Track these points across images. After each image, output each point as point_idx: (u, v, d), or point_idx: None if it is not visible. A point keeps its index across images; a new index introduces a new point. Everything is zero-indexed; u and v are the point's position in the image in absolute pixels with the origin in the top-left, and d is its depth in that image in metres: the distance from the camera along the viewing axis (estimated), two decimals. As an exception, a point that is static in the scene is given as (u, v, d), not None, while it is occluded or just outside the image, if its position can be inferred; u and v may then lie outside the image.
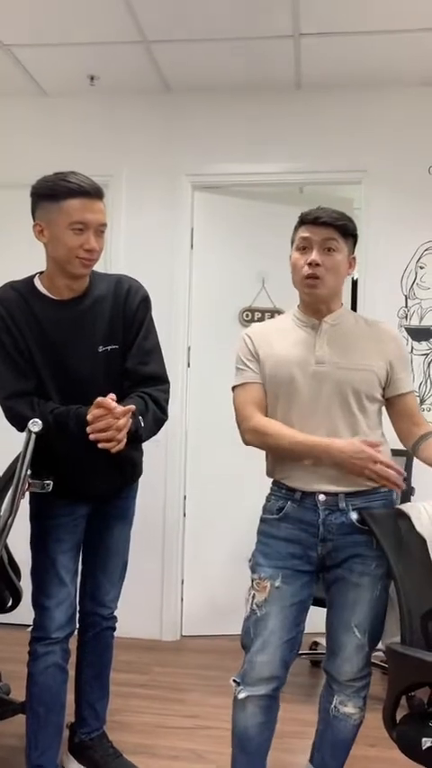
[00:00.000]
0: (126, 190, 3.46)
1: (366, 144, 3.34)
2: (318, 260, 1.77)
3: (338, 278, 1.83)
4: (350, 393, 1.78)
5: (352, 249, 1.85)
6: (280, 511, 1.82)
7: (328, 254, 1.79)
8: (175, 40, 3.03)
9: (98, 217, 1.82)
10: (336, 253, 1.80)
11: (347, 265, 1.84)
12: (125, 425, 1.76)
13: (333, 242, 1.79)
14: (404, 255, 3.30)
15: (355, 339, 1.84)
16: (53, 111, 3.53)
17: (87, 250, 1.82)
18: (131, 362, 1.94)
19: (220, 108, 3.44)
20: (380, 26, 2.86)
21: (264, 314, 3.57)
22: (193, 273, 3.51)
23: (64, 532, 1.98)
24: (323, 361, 1.80)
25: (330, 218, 1.79)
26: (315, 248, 1.78)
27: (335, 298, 1.86)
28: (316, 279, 1.78)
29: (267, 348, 1.86)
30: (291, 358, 1.82)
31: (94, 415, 1.75)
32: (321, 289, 1.80)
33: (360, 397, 1.79)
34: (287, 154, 3.39)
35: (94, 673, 2.17)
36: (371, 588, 1.79)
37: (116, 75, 3.31)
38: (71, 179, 1.80)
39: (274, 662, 1.79)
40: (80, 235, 1.81)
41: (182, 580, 3.52)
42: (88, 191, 1.80)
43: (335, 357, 1.80)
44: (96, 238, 1.84)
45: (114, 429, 1.74)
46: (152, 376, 1.96)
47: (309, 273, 1.78)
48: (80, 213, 1.80)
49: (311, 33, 2.93)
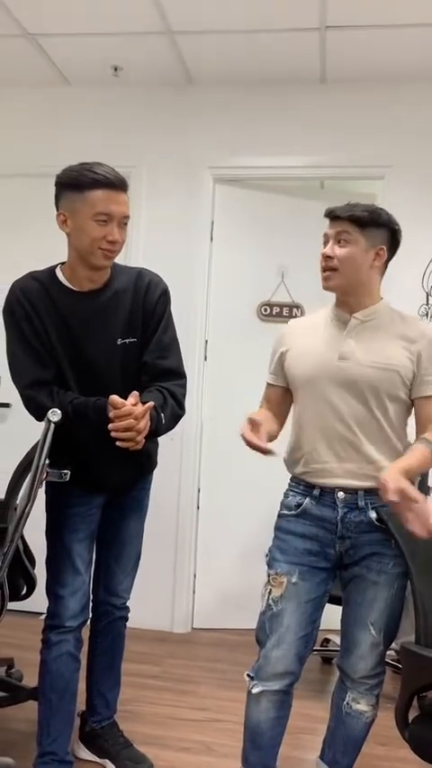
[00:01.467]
0: (147, 181, 3.46)
1: (390, 139, 3.31)
2: (328, 252, 1.79)
3: (356, 270, 1.79)
4: (368, 390, 1.77)
5: (380, 241, 1.81)
6: (298, 507, 1.83)
7: (340, 246, 1.79)
8: (199, 32, 3.01)
9: (122, 209, 1.82)
10: (349, 245, 1.78)
11: (371, 257, 1.80)
12: (145, 428, 1.77)
13: (345, 234, 1.78)
14: (426, 252, 3.26)
15: (384, 336, 1.81)
16: (76, 101, 3.53)
17: (110, 241, 1.82)
18: (150, 356, 1.95)
19: (242, 100, 3.42)
20: (407, 20, 2.82)
21: (282, 308, 3.55)
22: (213, 266, 3.50)
23: (79, 522, 1.99)
24: (346, 357, 1.79)
25: (342, 211, 1.79)
26: (331, 241, 1.81)
27: (361, 291, 1.83)
28: (330, 271, 1.80)
29: (294, 343, 1.89)
30: (315, 352, 1.83)
31: (115, 414, 1.75)
32: (333, 281, 1.80)
33: (380, 396, 1.77)
34: (309, 148, 3.37)
35: (105, 662, 2.19)
36: (388, 587, 1.78)
37: (140, 66, 3.31)
38: (97, 169, 1.80)
39: (289, 657, 1.79)
40: (104, 226, 1.81)
41: (194, 573, 3.53)
42: (113, 182, 1.80)
43: (358, 353, 1.79)
44: (119, 230, 1.84)
45: (135, 430, 1.75)
46: (170, 370, 1.96)
47: (322, 266, 1.82)
48: (104, 204, 1.79)
49: (337, 26, 2.90)
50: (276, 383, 1.94)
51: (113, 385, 1.88)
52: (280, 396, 1.93)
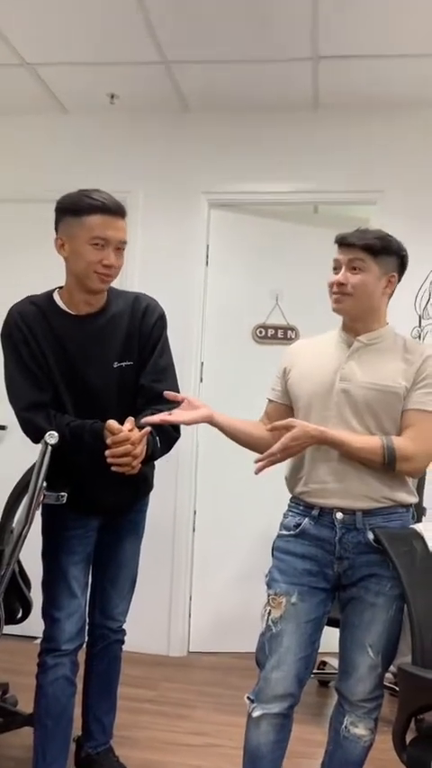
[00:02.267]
0: (143, 206, 3.51)
1: (382, 164, 3.37)
2: (341, 279, 1.82)
3: (368, 297, 1.83)
4: (367, 412, 1.79)
5: (390, 268, 1.85)
6: (297, 527, 1.83)
7: (354, 273, 1.81)
8: (194, 61, 3.08)
9: (119, 234, 1.85)
10: (362, 272, 1.81)
11: (383, 284, 1.84)
12: (141, 453, 1.79)
13: (359, 261, 1.81)
14: (418, 276, 3.31)
15: (387, 359, 1.83)
16: (74, 128, 3.59)
17: (106, 265, 1.85)
18: (146, 379, 1.97)
19: (237, 127, 3.48)
20: (398, 50, 2.89)
21: (277, 330, 3.58)
22: (208, 289, 3.54)
23: (76, 544, 2.00)
24: (347, 378, 1.81)
25: (355, 239, 1.81)
26: (343, 268, 1.83)
27: (370, 316, 1.86)
28: (343, 295, 1.82)
29: (298, 363, 1.93)
30: (316, 374, 1.86)
31: (112, 440, 1.77)
32: (345, 304, 1.83)
33: (379, 419, 1.79)
34: (303, 173, 3.43)
35: (101, 686, 2.17)
36: (386, 608, 1.78)
37: (136, 94, 3.37)
38: (95, 196, 1.84)
39: (289, 679, 1.79)
40: (100, 250, 1.84)
41: (190, 596, 3.51)
42: (110, 207, 1.84)
43: (359, 375, 1.81)
44: (116, 255, 1.87)
45: (131, 456, 1.77)
46: None
47: (334, 291, 1.84)
48: (101, 229, 1.83)
49: (330, 56, 2.97)
50: (278, 400, 1.97)
51: (110, 407, 1.89)
52: (280, 413, 1.93)
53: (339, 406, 1.80)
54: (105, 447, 1.78)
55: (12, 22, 2.83)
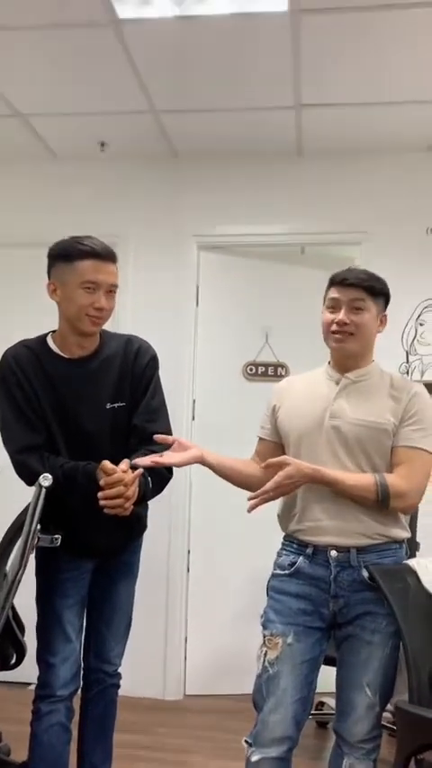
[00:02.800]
0: (134, 249, 3.57)
1: (366, 206, 3.46)
2: (345, 319, 1.83)
3: (368, 336, 1.87)
4: (358, 449, 1.81)
5: (383, 307, 1.90)
6: (292, 566, 1.83)
7: (356, 312, 1.84)
8: (182, 110, 3.18)
9: (109, 278, 1.90)
10: (363, 312, 1.84)
11: (377, 323, 1.89)
12: (134, 495, 1.80)
13: (360, 302, 1.84)
14: (404, 313, 3.38)
15: (374, 397, 1.86)
16: (64, 175, 3.67)
17: (97, 308, 1.89)
18: (138, 420, 1.99)
19: (224, 172, 3.58)
20: (377, 98, 3.00)
21: (267, 368, 3.63)
22: (199, 329, 3.59)
23: (70, 587, 1.99)
24: (337, 415, 1.83)
25: (357, 280, 1.85)
26: (343, 308, 1.84)
27: (364, 354, 1.90)
28: (345, 334, 1.84)
29: (286, 401, 1.94)
30: (306, 411, 1.87)
31: (106, 482, 1.78)
32: (349, 343, 1.85)
33: (369, 455, 1.81)
34: (289, 216, 3.52)
35: (97, 731, 2.13)
36: (382, 646, 1.78)
37: (125, 141, 3.47)
38: (85, 242, 1.89)
39: (287, 721, 1.76)
40: (91, 294, 1.88)
41: (185, 637, 3.47)
42: (100, 253, 1.89)
43: (349, 413, 1.83)
44: (107, 298, 1.91)
45: (124, 497, 1.78)
46: (158, 433, 1.99)
47: (336, 330, 1.84)
48: (91, 273, 1.88)
49: (312, 104, 3.08)
50: (268, 437, 1.98)
51: (103, 448, 1.91)
52: (271, 451, 1.94)
53: (330, 443, 1.82)
54: (98, 488, 1.79)
55: (4, 75, 2.93)
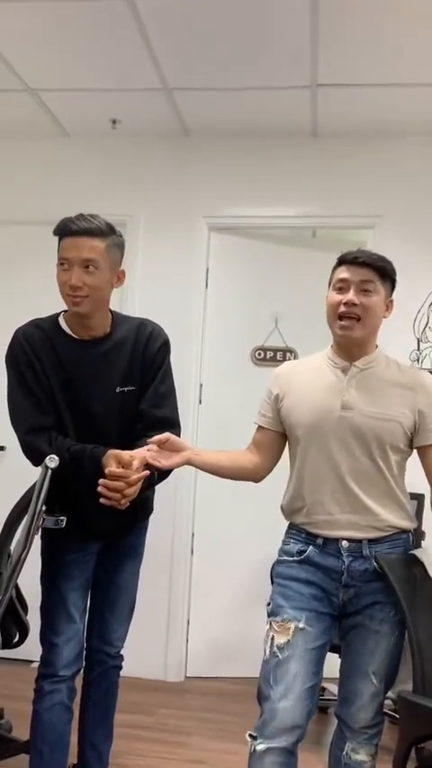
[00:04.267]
0: (144, 230, 3.54)
1: (380, 190, 3.41)
2: (355, 300, 1.75)
3: (375, 320, 1.80)
4: (373, 441, 1.76)
5: (390, 292, 1.83)
6: (301, 554, 1.80)
7: (366, 294, 1.76)
8: (195, 89, 3.13)
9: (80, 253, 1.84)
10: (373, 294, 1.77)
11: (384, 308, 1.82)
12: (132, 494, 1.76)
13: (371, 283, 1.77)
14: (417, 299, 3.33)
15: (384, 386, 1.80)
16: (75, 153, 3.63)
17: (71, 286, 1.86)
18: (146, 405, 1.97)
19: (237, 152, 3.53)
20: (394, 79, 2.94)
21: (276, 353, 3.60)
22: (207, 312, 3.56)
23: (75, 569, 1.98)
24: (349, 406, 1.77)
25: (369, 259, 1.78)
26: (352, 288, 1.76)
27: (369, 340, 1.83)
28: (352, 320, 1.76)
29: (294, 390, 1.85)
30: (317, 402, 1.80)
31: (110, 472, 1.74)
32: (356, 331, 1.77)
33: (383, 447, 1.77)
34: (301, 198, 3.47)
35: (98, 712, 2.15)
36: (390, 635, 1.76)
37: (137, 119, 3.42)
38: (66, 220, 1.87)
39: (298, 709, 1.70)
40: (66, 272, 1.86)
41: (188, 620, 3.48)
42: (71, 228, 1.85)
43: (361, 403, 1.77)
44: (85, 274, 1.85)
45: (122, 494, 1.74)
46: (164, 419, 1.97)
47: (344, 312, 1.76)
48: (64, 251, 1.86)
49: (328, 84, 3.02)
50: (269, 426, 1.89)
51: (111, 432, 1.90)
52: (272, 440, 1.89)
53: (343, 435, 1.77)
54: (102, 472, 1.77)
55: (15, 49, 2.88)
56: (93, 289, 1.86)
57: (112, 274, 1.92)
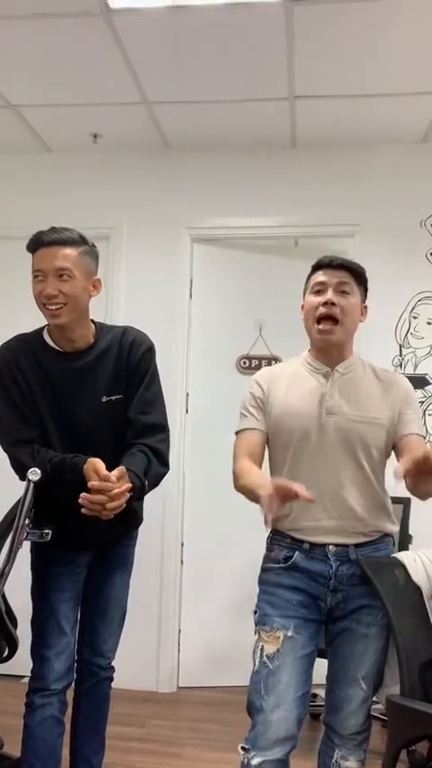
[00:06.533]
0: (127, 242, 3.56)
1: (359, 199, 3.45)
2: (333, 299, 1.77)
3: (353, 322, 1.82)
4: (359, 445, 1.78)
5: (364, 298, 1.86)
6: (288, 560, 1.78)
7: (343, 296, 1.79)
8: (175, 102, 3.16)
9: (51, 263, 1.86)
10: (351, 296, 1.80)
11: (359, 312, 1.85)
12: (115, 509, 1.75)
13: (348, 285, 1.80)
14: (398, 306, 3.38)
15: (365, 390, 1.83)
16: (57, 167, 3.65)
17: (46, 296, 1.87)
18: (133, 412, 1.97)
19: (218, 164, 3.56)
20: (371, 90, 2.99)
21: (261, 361, 3.62)
22: (192, 322, 3.58)
23: (66, 581, 1.98)
24: (333, 411, 1.79)
25: (346, 262, 1.83)
26: (330, 289, 1.78)
27: (347, 344, 1.86)
28: (330, 322, 1.77)
29: (277, 395, 1.84)
30: (301, 408, 1.81)
31: (92, 486, 1.73)
32: (336, 334, 1.79)
33: (368, 449, 1.78)
34: (282, 208, 3.51)
35: (90, 724, 2.14)
36: (378, 638, 1.77)
37: (118, 133, 3.44)
38: (37, 234, 1.89)
39: (290, 719, 1.69)
40: (41, 282, 1.88)
41: (179, 630, 3.48)
42: (42, 240, 1.88)
43: (345, 408, 1.79)
44: (58, 284, 1.86)
45: (104, 507, 1.73)
46: (152, 425, 1.98)
47: (324, 313, 1.77)
48: (37, 262, 1.89)
49: (306, 96, 3.06)
50: (260, 427, 1.85)
51: (101, 442, 1.91)
52: (262, 442, 1.85)
53: (329, 441, 1.78)
54: (84, 482, 1.75)
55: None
56: (69, 297, 1.88)
57: (88, 282, 1.93)
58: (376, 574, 1.73)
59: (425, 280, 3.39)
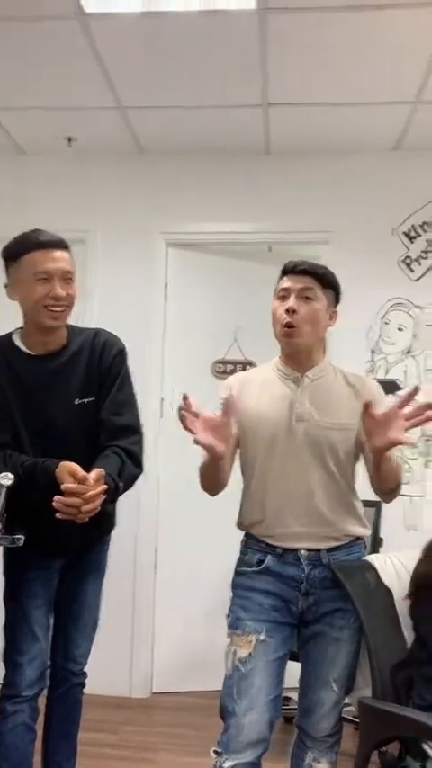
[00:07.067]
0: (102, 246, 3.55)
1: (333, 206, 3.49)
2: (294, 306, 1.77)
3: (317, 328, 1.82)
4: (327, 450, 1.79)
5: (333, 302, 1.86)
6: (260, 563, 1.80)
7: (306, 302, 1.79)
8: (149, 107, 3.17)
9: (60, 265, 1.87)
10: (314, 302, 1.80)
11: (327, 317, 1.84)
12: (90, 511, 1.74)
13: (311, 291, 1.80)
14: (370, 312, 3.42)
15: (335, 395, 1.84)
16: (32, 170, 3.63)
17: (54, 297, 1.86)
18: (105, 413, 1.97)
19: (192, 170, 3.57)
20: (343, 99, 3.03)
21: (236, 366, 3.64)
22: (167, 326, 3.59)
23: (38, 587, 1.97)
24: (303, 418, 1.80)
25: (310, 267, 1.81)
26: (293, 296, 1.79)
27: (316, 349, 1.85)
28: (293, 327, 1.78)
29: (248, 401, 1.85)
30: (272, 414, 1.81)
31: (66, 488, 1.72)
32: (298, 337, 1.79)
33: (338, 455, 1.80)
34: (257, 214, 3.53)
35: (62, 731, 2.13)
36: (349, 641, 1.79)
37: (93, 137, 3.44)
38: (30, 235, 1.88)
39: (262, 722, 1.71)
40: (46, 284, 1.86)
41: (152, 635, 3.47)
42: (44, 242, 1.86)
43: (315, 414, 1.80)
44: (63, 286, 1.87)
45: (79, 510, 1.72)
46: (125, 427, 1.97)
47: (286, 321, 1.79)
48: (41, 263, 1.85)
49: (279, 103, 3.09)
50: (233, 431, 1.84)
51: (75, 445, 1.90)
52: (233, 447, 1.85)
53: (299, 447, 1.79)
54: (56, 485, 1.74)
55: (-31, 68, 2.89)
56: (71, 299, 1.91)
57: None
58: (347, 577, 1.75)
59: (396, 286, 3.44)
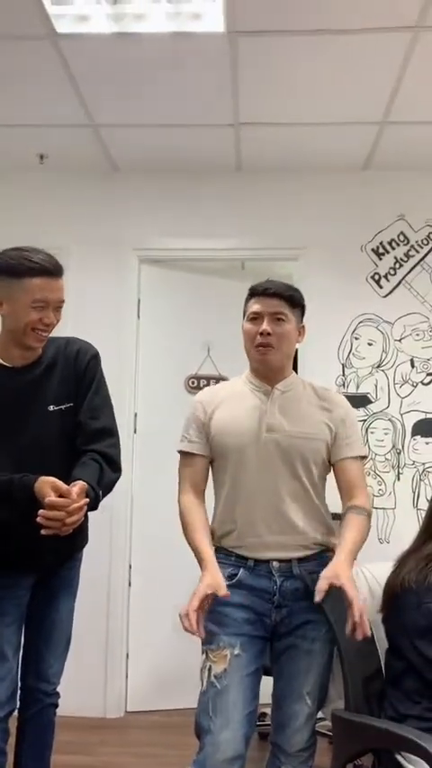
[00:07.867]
0: (75, 262, 3.53)
1: (303, 223, 3.55)
2: (269, 329, 1.84)
3: (289, 346, 1.90)
4: (298, 460, 1.83)
5: (300, 319, 1.94)
6: (232, 578, 1.81)
7: (278, 323, 1.86)
8: (122, 125, 3.20)
9: (57, 295, 1.90)
10: (285, 323, 1.87)
11: (297, 334, 1.92)
12: (74, 523, 1.74)
13: (282, 313, 1.86)
14: (340, 327, 3.47)
15: (305, 407, 1.89)
16: (3, 187, 3.62)
17: (46, 324, 1.89)
18: (82, 417, 1.98)
19: (165, 187, 3.61)
20: (312, 119, 3.09)
21: (209, 381, 3.65)
22: (140, 342, 3.59)
23: (7, 605, 1.94)
24: (274, 429, 1.84)
25: (279, 290, 1.88)
26: (266, 319, 1.85)
27: (285, 365, 1.93)
28: (268, 347, 1.85)
29: (218, 414, 1.90)
30: (242, 425, 1.86)
31: (51, 502, 1.71)
32: (272, 356, 1.87)
33: (308, 465, 1.83)
34: (229, 231, 3.57)
35: (34, 753, 2.08)
36: (321, 654, 1.80)
37: (65, 154, 3.45)
38: (34, 257, 1.86)
39: (238, 739, 1.70)
40: (40, 311, 1.87)
41: (126, 653, 3.43)
42: (50, 270, 1.87)
43: (285, 425, 1.84)
44: (54, 313, 1.91)
45: (63, 523, 1.72)
46: (102, 430, 1.98)
47: (261, 342, 1.85)
48: (42, 292, 1.86)
49: (250, 123, 3.14)
50: (201, 452, 1.90)
51: (55, 454, 1.90)
52: (205, 467, 1.91)
53: (270, 457, 1.83)
54: (36, 501, 1.75)
55: None
56: (56, 323, 1.94)
57: None
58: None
59: (366, 302, 3.50)
